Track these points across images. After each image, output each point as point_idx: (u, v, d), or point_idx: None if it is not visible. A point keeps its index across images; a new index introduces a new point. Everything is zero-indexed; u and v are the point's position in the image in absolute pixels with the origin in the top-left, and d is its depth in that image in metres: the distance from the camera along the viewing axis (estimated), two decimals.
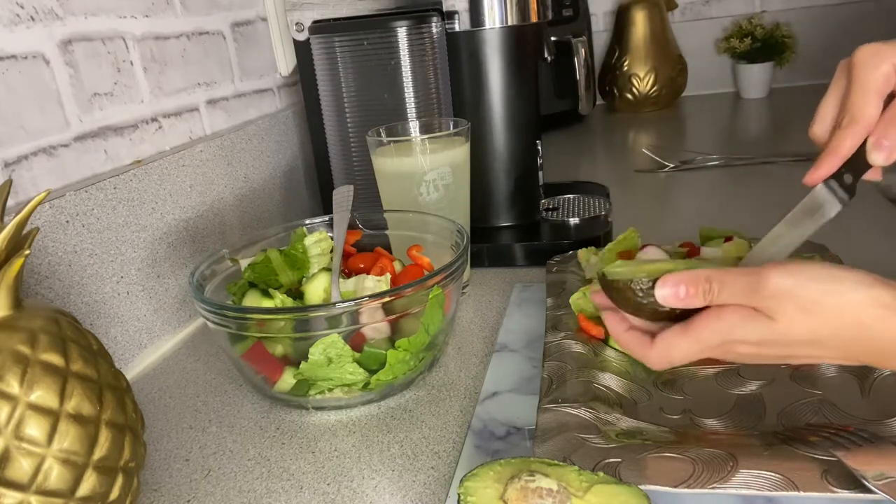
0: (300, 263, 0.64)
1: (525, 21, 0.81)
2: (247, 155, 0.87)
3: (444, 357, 0.63)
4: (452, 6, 0.81)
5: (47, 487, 0.37)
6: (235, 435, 0.55)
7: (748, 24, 1.59)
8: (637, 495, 0.37)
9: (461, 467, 0.47)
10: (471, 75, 0.83)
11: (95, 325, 0.63)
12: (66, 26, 0.63)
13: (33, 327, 0.39)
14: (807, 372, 0.51)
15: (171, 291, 0.72)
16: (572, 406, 0.48)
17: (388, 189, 0.73)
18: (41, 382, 0.37)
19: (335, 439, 0.53)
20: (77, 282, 0.61)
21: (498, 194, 0.87)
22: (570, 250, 0.76)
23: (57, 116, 0.62)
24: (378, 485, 0.47)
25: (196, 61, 0.81)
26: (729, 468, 0.40)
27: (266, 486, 0.49)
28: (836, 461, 0.39)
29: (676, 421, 0.48)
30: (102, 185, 0.64)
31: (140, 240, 0.68)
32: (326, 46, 0.83)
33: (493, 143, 0.85)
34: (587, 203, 0.92)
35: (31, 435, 0.37)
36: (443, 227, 0.66)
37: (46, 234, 0.58)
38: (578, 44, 0.89)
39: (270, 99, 0.97)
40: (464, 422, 0.53)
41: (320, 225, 0.70)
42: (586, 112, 0.96)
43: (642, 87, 1.61)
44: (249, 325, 0.54)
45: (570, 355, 0.55)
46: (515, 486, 0.37)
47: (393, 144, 0.72)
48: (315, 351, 0.52)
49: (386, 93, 0.82)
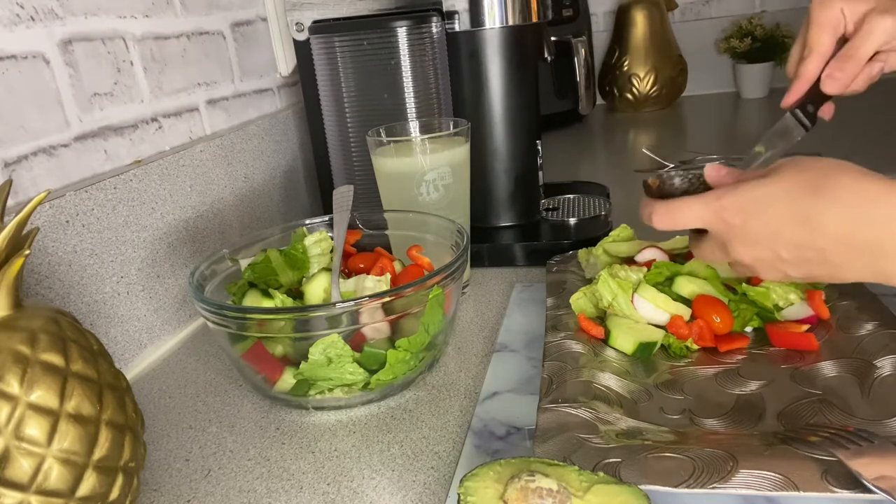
0: (300, 263, 0.64)
1: (525, 21, 0.81)
2: (247, 155, 0.87)
3: (444, 357, 0.63)
4: (452, 6, 0.81)
5: (47, 487, 0.37)
6: (235, 435, 0.55)
7: (748, 24, 1.59)
8: (637, 495, 0.37)
9: (461, 467, 0.47)
10: (471, 75, 0.83)
11: (95, 325, 0.63)
12: (66, 26, 0.63)
13: (33, 327, 0.39)
14: (807, 372, 0.51)
15: (171, 291, 0.72)
16: (572, 406, 0.48)
17: (388, 189, 0.73)
18: (41, 382, 0.37)
19: (335, 439, 0.53)
20: (77, 282, 0.61)
21: (498, 194, 0.87)
22: (570, 250, 0.76)
23: (57, 116, 0.62)
24: (378, 485, 0.47)
25: (196, 61, 0.81)
26: (729, 468, 0.40)
27: (266, 486, 0.49)
28: (836, 461, 0.39)
29: (676, 421, 0.48)
30: (102, 185, 0.64)
31: (140, 240, 0.68)
32: (326, 46, 0.83)
33: (493, 143, 0.85)
34: (587, 203, 0.92)
35: (31, 435, 0.37)
36: (443, 227, 0.66)
37: (46, 234, 0.58)
38: (578, 44, 0.89)
39: (270, 99, 0.97)
40: (464, 422, 0.53)
41: (320, 225, 0.70)
42: (586, 112, 0.96)
43: (642, 87, 1.61)
44: (249, 325, 0.54)
45: (570, 355, 0.55)
46: (515, 486, 0.37)
47: (393, 144, 0.72)
48: (315, 351, 0.52)
49: (386, 93, 0.82)
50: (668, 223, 0.47)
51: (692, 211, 0.46)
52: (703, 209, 0.45)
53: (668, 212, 0.47)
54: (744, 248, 0.45)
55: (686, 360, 0.56)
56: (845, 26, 0.49)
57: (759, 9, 1.66)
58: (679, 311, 0.57)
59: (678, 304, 0.58)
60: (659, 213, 0.48)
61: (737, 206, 0.44)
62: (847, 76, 0.49)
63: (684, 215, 0.46)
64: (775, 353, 0.55)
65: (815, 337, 0.54)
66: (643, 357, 0.56)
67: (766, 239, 0.43)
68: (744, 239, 0.44)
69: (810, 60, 0.50)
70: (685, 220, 0.47)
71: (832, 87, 0.49)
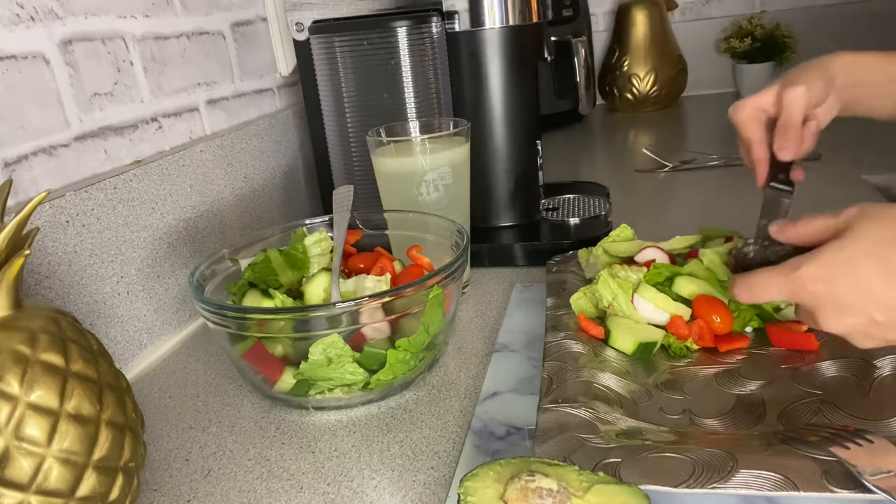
0: (300, 263, 0.64)
1: (525, 21, 0.81)
2: (247, 155, 0.87)
3: (444, 357, 0.63)
4: (452, 6, 0.81)
5: (47, 487, 0.37)
6: (235, 435, 0.55)
7: (748, 24, 1.59)
8: (637, 495, 0.37)
9: (461, 467, 0.47)
10: (471, 75, 0.83)
11: (95, 325, 0.63)
12: (66, 26, 0.63)
13: (33, 327, 0.39)
14: (807, 372, 0.51)
15: (171, 291, 0.72)
16: (572, 406, 0.48)
17: (388, 189, 0.73)
18: (41, 382, 0.37)
19: (335, 439, 0.53)
20: (77, 282, 0.61)
21: (498, 194, 0.87)
22: (570, 250, 0.76)
23: (57, 116, 0.62)
24: (378, 485, 0.47)
25: (196, 61, 0.81)
26: (729, 468, 0.40)
27: (266, 486, 0.49)
28: (836, 461, 0.39)
29: (676, 421, 0.48)
30: (102, 185, 0.64)
31: (140, 240, 0.68)
32: (326, 46, 0.83)
33: (493, 143, 0.85)
34: (587, 203, 0.92)
35: (31, 435, 0.37)
36: (443, 227, 0.66)
37: (46, 234, 0.58)
38: (578, 44, 0.89)
39: (270, 99, 0.97)
40: (464, 422, 0.53)
41: (320, 225, 0.70)
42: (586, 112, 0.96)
43: (642, 87, 1.61)
44: (249, 325, 0.54)
45: (570, 355, 0.55)
46: (515, 486, 0.37)
47: (393, 144, 0.71)
48: (315, 351, 0.52)
49: (386, 93, 0.82)
50: (752, 298, 0.46)
51: (773, 284, 0.44)
52: (782, 282, 0.44)
53: (748, 286, 0.46)
54: (834, 315, 0.42)
55: (686, 360, 0.56)
56: (766, 111, 0.56)
57: (759, 9, 1.66)
58: (679, 311, 0.57)
59: (678, 304, 0.58)
60: (739, 287, 0.47)
61: (818, 274, 0.42)
62: (793, 143, 0.53)
63: (764, 290, 0.45)
64: (775, 353, 0.55)
65: (815, 337, 0.54)
66: (643, 357, 0.56)
67: (858, 303, 0.41)
68: (833, 307, 0.42)
69: (755, 149, 0.56)
70: (766, 294, 0.45)
71: (786, 155, 0.54)
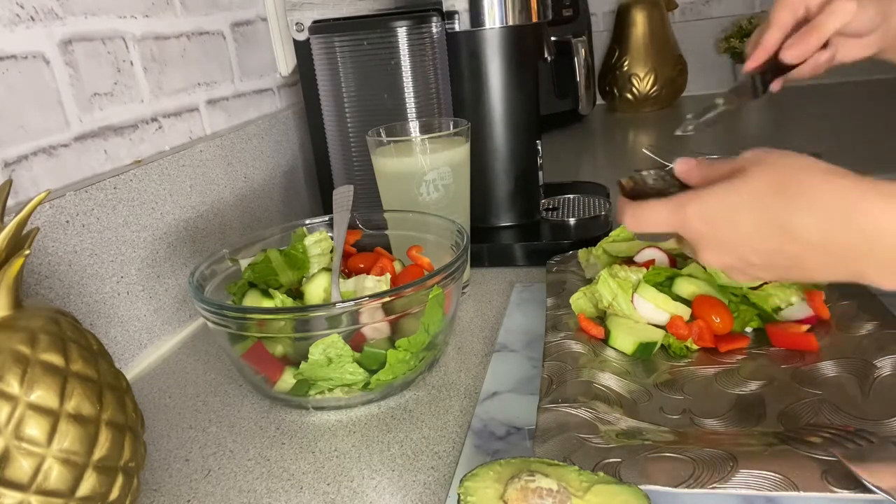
0: (300, 263, 0.64)
1: (525, 21, 0.81)
2: (247, 155, 0.87)
3: (444, 357, 0.63)
4: (452, 6, 0.81)
5: (47, 487, 0.37)
6: (235, 435, 0.55)
7: (748, 24, 1.59)
8: (637, 495, 0.37)
9: (461, 467, 0.47)
10: (471, 75, 0.83)
11: (95, 325, 0.63)
12: (66, 26, 0.63)
13: (33, 327, 0.39)
14: (807, 372, 0.51)
15: (171, 291, 0.72)
16: (572, 406, 0.48)
17: (388, 189, 0.73)
18: (41, 382, 0.37)
19: (335, 439, 0.53)
20: (77, 282, 0.61)
21: (498, 194, 0.87)
22: (570, 250, 0.76)
23: (57, 116, 0.62)
24: (378, 485, 0.47)
25: (196, 61, 0.81)
26: (729, 468, 0.40)
27: (266, 486, 0.49)
28: (836, 461, 0.39)
29: (676, 421, 0.48)
30: (102, 185, 0.64)
31: (140, 240, 0.68)
32: (326, 46, 0.83)
33: (493, 143, 0.85)
34: (587, 203, 0.92)
35: (31, 435, 0.37)
36: (443, 227, 0.66)
37: (46, 234, 0.58)
38: (578, 44, 0.89)
39: (270, 99, 0.97)
40: (464, 422, 0.53)
41: (320, 225, 0.70)
42: (586, 112, 0.96)
43: (642, 87, 1.61)
44: (249, 325, 0.54)
45: (570, 355, 0.55)
46: (515, 486, 0.37)
47: (393, 144, 0.72)
48: (315, 351, 0.52)
49: (386, 93, 0.82)
50: (637, 226, 0.46)
51: (659, 216, 0.45)
52: (669, 216, 0.44)
53: (636, 215, 0.46)
54: (712, 254, 0.44)
55: (686, 360, 0.56)
56: (808, 9, 0.54)
57: (759, 9, 1.66)
58: (679, 312, 0.57)
59: (678, 304, 0.58)
60: (628, 214, 0.47)
61: (703, 215, 0.43)
62: (805, 48, 0.52)
63: (652, 220, 0.45)
64: (775, 354, 0.55)
65: (815, 337, 0.54)
66: (643, 357, 0.56)
67: (735, 246, 0.42)
68: (713, 245, 0.43)
69: (770, 32, 0.55)
70: (653, 225, 0.46)
71: (790, 55, 0.53)
